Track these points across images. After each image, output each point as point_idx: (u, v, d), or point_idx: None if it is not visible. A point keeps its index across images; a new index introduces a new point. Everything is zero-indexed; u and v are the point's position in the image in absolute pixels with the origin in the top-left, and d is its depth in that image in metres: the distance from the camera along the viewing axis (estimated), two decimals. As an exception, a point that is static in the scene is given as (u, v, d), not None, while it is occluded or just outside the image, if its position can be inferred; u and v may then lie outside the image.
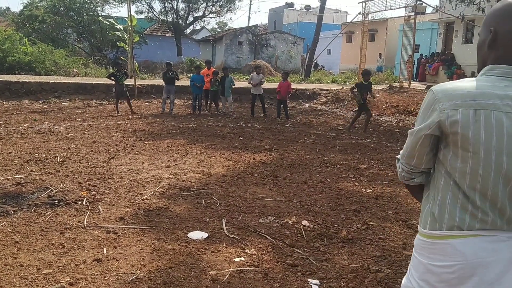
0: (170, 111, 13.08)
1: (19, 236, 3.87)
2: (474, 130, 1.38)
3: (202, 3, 35.74)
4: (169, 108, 13.17)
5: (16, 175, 5.78)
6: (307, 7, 45.93)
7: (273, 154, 7.92)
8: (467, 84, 1.46)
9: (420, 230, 1.58)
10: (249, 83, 13.42)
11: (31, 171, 6.00)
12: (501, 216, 1.43)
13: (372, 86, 11.28)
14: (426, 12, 20.66)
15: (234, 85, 13.70)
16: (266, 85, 14.44)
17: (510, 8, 1.46)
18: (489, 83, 1.44)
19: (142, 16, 34.83)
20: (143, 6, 34.82)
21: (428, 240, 1.52)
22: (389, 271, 3.50)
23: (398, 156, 1.65)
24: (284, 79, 13.12)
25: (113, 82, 12.67)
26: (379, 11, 23.14)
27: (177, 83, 13.63)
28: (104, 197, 5.03)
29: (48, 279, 3.15)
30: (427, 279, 1.52)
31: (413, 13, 18.58)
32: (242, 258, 3.62)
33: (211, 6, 36.17)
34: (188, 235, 4.06)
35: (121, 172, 6.16)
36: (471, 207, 1.44)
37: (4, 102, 13.50)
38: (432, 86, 1.55)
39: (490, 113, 1.37)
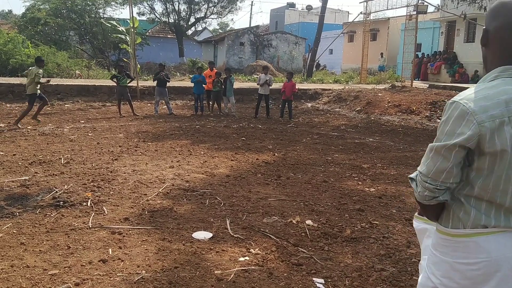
0: (170, 112, 13.10)
1: (24, 238, 3.89)
2: (509, 136, 1.40)
3: (203, 4, 35.77)
4: (168, 110, 13.19)
5: (20, 177, 5.81)
6: (309, 7, 45.88)
7: (276, 154, 7.93)
8: (493, 91, 1.44)
9: (441, 229, 1.59)
10: (257, 84, 13.45)
11: (36, 173, 6.02)
12: None
13: None
14: (427, 11, 20.66)
15: (233, 81, 13.75)
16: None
17: (499, 6, 1.52)
18: (510, 86, 1.44)
19: (144, 17, 34.90)
20: (145, 8, 34.91)
21: (451, 238, 1.54)
22: (394, 269, 3.51)
23: (413, 175, 1.57)
24: (288, 79, 13.18)
25: (116, 84, 12.70)
26: (381, 10, 23.15)
27: (180, 83, 13.64)
28: (109, 198, 5.05)
29: (54, 280, 3.17)
30: (451, 276, 1.54)
31: (414, 12, 18.58)
32: (247, 258, 3.63)
33: (212, 7, 36.18)
34: (192, 235, 4.07)
35: (125, 173, 6.18)
36: (497, 208, 1.47)
37: (8, 105, 13.55)
38: (455, 96, 1.51)
39: None
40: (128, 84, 12.72)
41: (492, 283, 1.45)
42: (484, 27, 1.55)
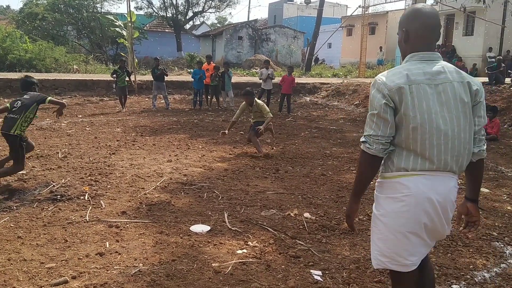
0: (167, 106, 13.07)
1: (22, 231, 3.88)
2: (411, 99, 1.94)
3: (201, -2, 35.64)
4: (165, 105, 13.16)
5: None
6: (307, 1, 45.70)
7: (274, 147, 7.92)
8: (400, 69, 2.03)
9: (379, 175, 2.15)
10: (260, 79, 13.42)
11: (33, 167, 6.01)
12: (439, 160, 1.95)
13: None
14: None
15: (232, 75, 13.72)
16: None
17: (414, 12, 2.09)
18: (413, 65, 2.03)
19: (141, 12, 34.81)
20: (143, 2, 34.83)
21: (383, 180, 2.11)
22: (391, 261, 3.50)
23: (364, 139, 2.04)
24: (289, 73, 13.14)
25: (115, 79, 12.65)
26: (379, 4, 23.08)
27: (178, 78, 13.60)
28: (106, 192, 5.03)
29: (51, 273, 3.16)
30: (383, 206, 2.10)
31: (413, 6, 18.48)
32: (245, 250, 3.63)
33: (210, 1, 36.09)
34: (190, 228, 4.06)
35: (122, 167, 6.17)
36: (414, 155, 1.98)
37: (6, 100, 13.49)
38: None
39: (419, 86, 1.96)
40: (126, 82, 12.65)
41: (413, 213, 1.99)
42: (404, 29, 2.09)
